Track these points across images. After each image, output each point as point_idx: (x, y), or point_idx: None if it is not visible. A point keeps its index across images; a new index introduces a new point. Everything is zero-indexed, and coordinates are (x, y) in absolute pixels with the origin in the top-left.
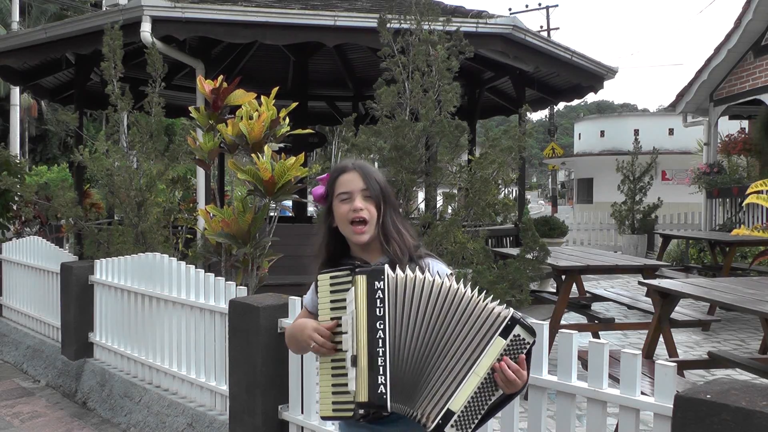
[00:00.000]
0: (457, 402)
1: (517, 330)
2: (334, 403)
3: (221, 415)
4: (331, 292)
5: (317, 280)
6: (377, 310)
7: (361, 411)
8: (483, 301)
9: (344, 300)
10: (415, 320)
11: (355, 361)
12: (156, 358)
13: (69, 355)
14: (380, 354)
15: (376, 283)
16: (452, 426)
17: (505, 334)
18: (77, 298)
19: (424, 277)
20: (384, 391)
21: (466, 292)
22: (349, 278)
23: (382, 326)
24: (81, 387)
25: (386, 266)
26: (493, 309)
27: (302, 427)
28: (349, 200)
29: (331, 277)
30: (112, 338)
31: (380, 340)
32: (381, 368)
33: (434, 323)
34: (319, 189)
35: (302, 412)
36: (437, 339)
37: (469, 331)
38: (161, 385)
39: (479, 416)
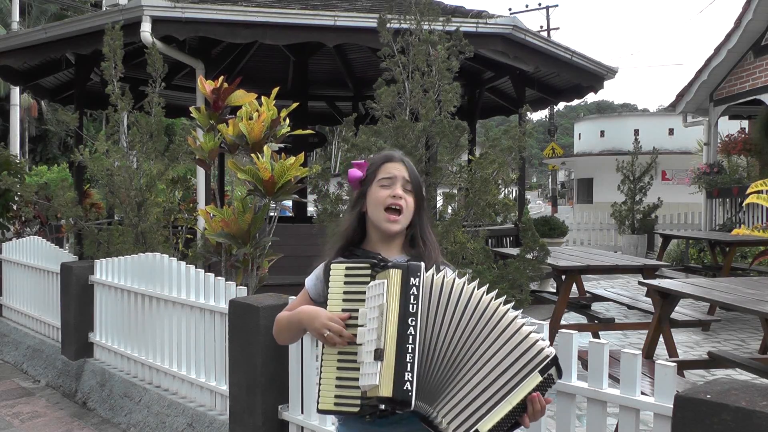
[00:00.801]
0: (487, 425)
1: (552, 370)
2: (337, 396)
3: (221, 415)
4: (345, 283)
5: (330, 269)
6: (410, 306)
7: (382, 406)
8: (525, 326)
9: (360, 293)
10: (449, 324)
11: (380, 355)
12: (156, 358)
13: (69, 355)
14: (409, 350)
15: (412, 279)
16: None
17: (543, 372)
18: (77, 298)
19: (463, 283)
20: (410, 388)
21: (507, 312)
22: (368, 271)
23: (414, 323)
24: (81, 387)
25: (422, 264)
26: (536, 342)
27: (302, 427)
28: (390, 186)
29: (347, 268)
30: (112, 338)
31: (410, 336)
32: (409, 365)
33: (470, 333)
34: (356, 172)
35: (302, 412)
36: (471, 349)
37: (508, 355)
38: (161, 385)
39: None
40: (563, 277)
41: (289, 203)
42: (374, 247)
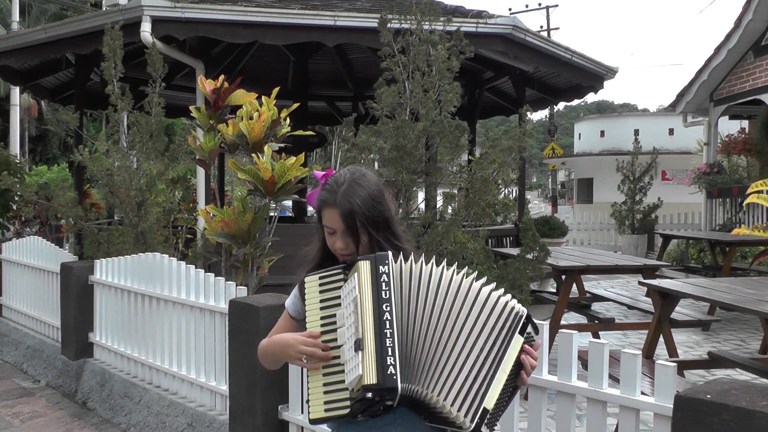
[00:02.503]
0: (491, 400)
1: (529, 327)
2: (326, 402)
3: (221, 415)
4: (321, 292)
5: (304, 283)
6: (383, 293)
7: (369, 394)
8: (492, 292)
9: (337, 297)
10: (424, 304)
11: (360, 345)
12: (156, 358)
13: (69, 355)
14: (388, 335)
15: (381, 267)
16: (486, 424)
17: (522, 332)
18: (77, 298)
19: (431, 266)
20: (394, 372)
21: (473, 283)
22: (341, 276)
23: (388, 308)
24: (81, 387)
25: (389, 252)
26: (507, 303)
27: (302, 427)
28: (333, 235)
29: (321, 278)
30: (112, 338)
31: (387, 322)
32: (390, 349)
33: (449, 310)
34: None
35: (302, 412)
36: (451, 326)
37: (485, 324)
38: (161, 385)
39: (502, 409)
40: (563, 277)
41: (289, 203)
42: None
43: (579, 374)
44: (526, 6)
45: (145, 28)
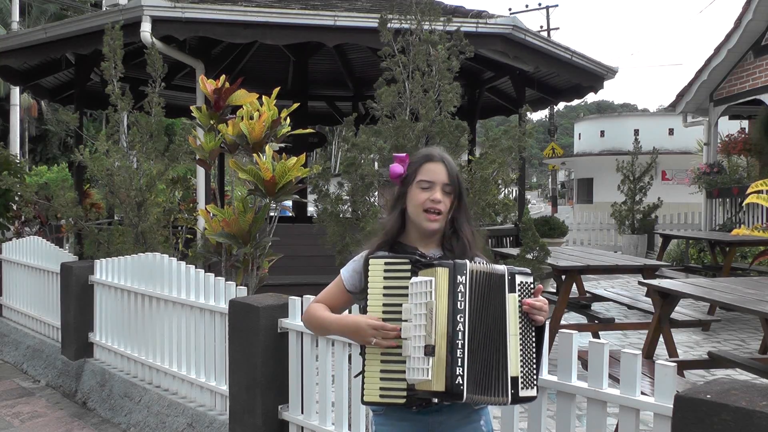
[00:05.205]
0: (514, 367)
1: (519, 279)
2: (382, 389)
3: (221, 415)
4: (385, 278)
5: (368, 264)
6: (458, 303)
7: (435, 399)
8: (490, 271)
9: (402, 288)
10: (486, 312)
11: (431, 351)
12: (156, 358)
13: (69, 355)
14: (459, 346)
15: (459, 276)
16: (522, 387)
17: (512, 287)
18: (77, 298)
19: (493, 268)
20: (462, 382)
21: (496, 270)
22: (408, 267)
23: (462, 319)
24: (81, 387)
25: (467, 261)
26: (494, 271)
27: (302, 427)
28: (429, 190)
29: (386, 263)
30: (112, 338)
31: (460, 333)
32: (460, 359)
33: (491, 314)
34: (397, 168)
35: (302, 412)
36: (493, 325)
37: (486, 305)
38: (161, 385)
39: (535, 361)
40: (563, 277)
41: (289, 203)
42: (412, 242)
43: (579, 374)
44: (526, 6)
45: (145, 28)
